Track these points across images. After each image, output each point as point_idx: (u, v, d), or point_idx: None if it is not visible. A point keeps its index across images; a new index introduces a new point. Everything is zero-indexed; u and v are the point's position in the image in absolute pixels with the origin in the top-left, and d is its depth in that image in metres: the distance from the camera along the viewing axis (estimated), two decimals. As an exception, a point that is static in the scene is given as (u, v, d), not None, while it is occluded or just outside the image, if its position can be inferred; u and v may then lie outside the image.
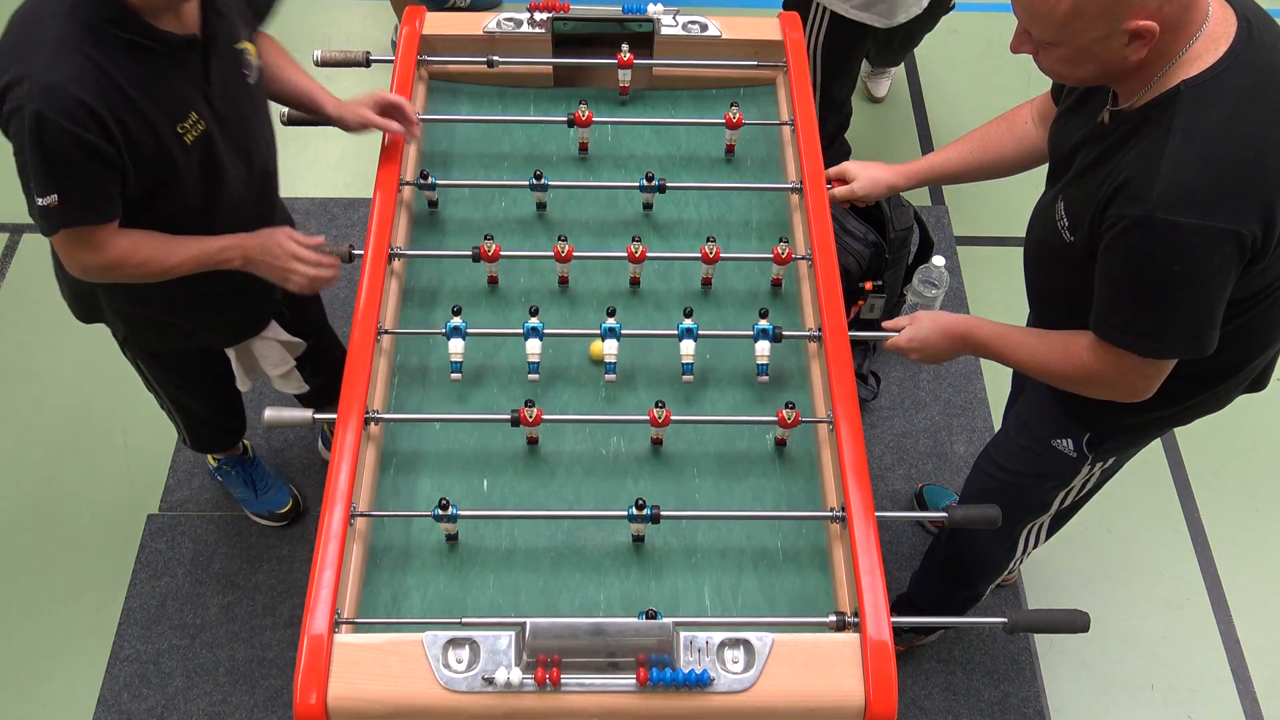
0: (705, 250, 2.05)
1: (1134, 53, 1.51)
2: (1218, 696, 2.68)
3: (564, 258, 2.05)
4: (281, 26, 2.19)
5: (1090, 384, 1.75)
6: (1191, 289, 1.56)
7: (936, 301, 2.98)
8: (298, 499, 2.81)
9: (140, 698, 2.57)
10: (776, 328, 1.96)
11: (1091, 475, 2.06)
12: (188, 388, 2.39)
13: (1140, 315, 1.62)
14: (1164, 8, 1.47)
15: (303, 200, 3.48)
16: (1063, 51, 1.56)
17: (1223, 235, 1.51)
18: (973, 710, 2.61)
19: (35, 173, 1.73)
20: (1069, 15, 1.49)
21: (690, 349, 1.95)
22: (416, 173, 2.19)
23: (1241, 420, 3.01)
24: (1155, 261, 1.55)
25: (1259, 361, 1.85)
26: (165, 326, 2.16)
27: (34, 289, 3.29)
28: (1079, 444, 1.97)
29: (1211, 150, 1.51)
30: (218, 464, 2.77)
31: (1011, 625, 1.73)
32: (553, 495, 1.89)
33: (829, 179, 2.20)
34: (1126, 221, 1.55)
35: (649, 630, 1.56)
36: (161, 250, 1.92)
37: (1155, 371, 1.68)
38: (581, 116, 2.23)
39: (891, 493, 2.96)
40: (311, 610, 1.60)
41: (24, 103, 1.67)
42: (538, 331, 1.93)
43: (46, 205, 1.75)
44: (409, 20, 2.38)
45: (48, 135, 1.68)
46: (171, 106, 1.82)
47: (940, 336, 1.91)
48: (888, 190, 2.17)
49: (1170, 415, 1.90)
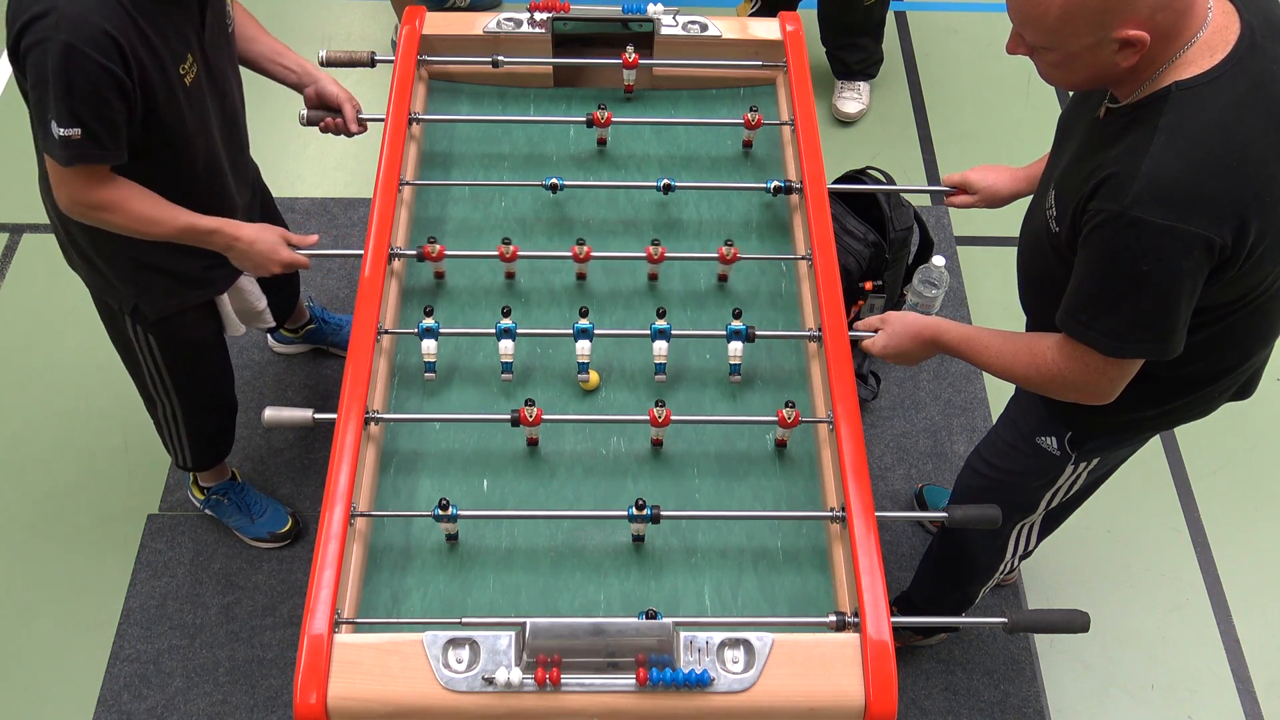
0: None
1: (1125, 60, 1.52)
2: (1218, 696, 2.68)
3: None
4: (282, 26, 2.20)
5: (1055, 385, 1.75)
6: (1158, 290, 1.56)
7: (936, 301, 2.99)
8: (295, 517, 2.81)
9: (140, 698, 2.57)
10: (750, 328, 1.96)
11: (1078, 476, 2.05)
12: (191, 363, 2.39)
13: (1105, 313, 1.62)
14: (1156, 15, 1.47)
15: (303, 200, 3.48)
16: (1054, 56, 1.57)
17: (1194, 239, 1.50)
18: (973, 710, 2.61)
19: (59, 104, 1.76)
20: (1059, 21, 1.49)
21: (663, 349, 1.95)
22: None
23: (1241, 420, 3.01)
24: (1125, 259, 1.55)
25: (1242, 370, 1.85)
26: (174, 278, 2.19)
27: (34, 289, 3.29)
28: (1061, 442, 1.97)
29: (1194, 153, 1.51)
30: (206, 495, 2.76)
31: (1011, 625, 1.73)
32: (553, 495, 1.89)
33: (950, 187, 2.18)
34: (1102, 216, 1.55)
35: (649, 630, 1.56)
36: (153, 209, 1.97)
37: (1118, 373, 1.68)
38: (600, 118, 2.24)
39: (891, 493, 2.96)
40: (311, 610, 1.60)
41: (52, 34, 1.71)
42: (510, 332, 1.94)
43: (68, 136, 1.78)
44: (409, 20, 2.38)
45: (76, 67, 1.73)
46: (175, 47, 1.88)
47: (910, 340, 1.92)
48: (1010, 199, 2.15)
49: (1152, 418, 1.89)
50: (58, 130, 1.78)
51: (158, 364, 2.35)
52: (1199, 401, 1.88)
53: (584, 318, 1.95)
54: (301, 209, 3.45)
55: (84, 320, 3.15)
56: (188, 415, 2.48)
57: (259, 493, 2.80)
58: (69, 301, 3.22)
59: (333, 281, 3.31)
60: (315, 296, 3.23)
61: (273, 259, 2.11)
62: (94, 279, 2.21)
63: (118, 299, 2.21)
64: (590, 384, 2.00)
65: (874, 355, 1.96)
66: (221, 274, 2.24)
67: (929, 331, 1.90)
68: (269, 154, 2.35)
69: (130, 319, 2.23)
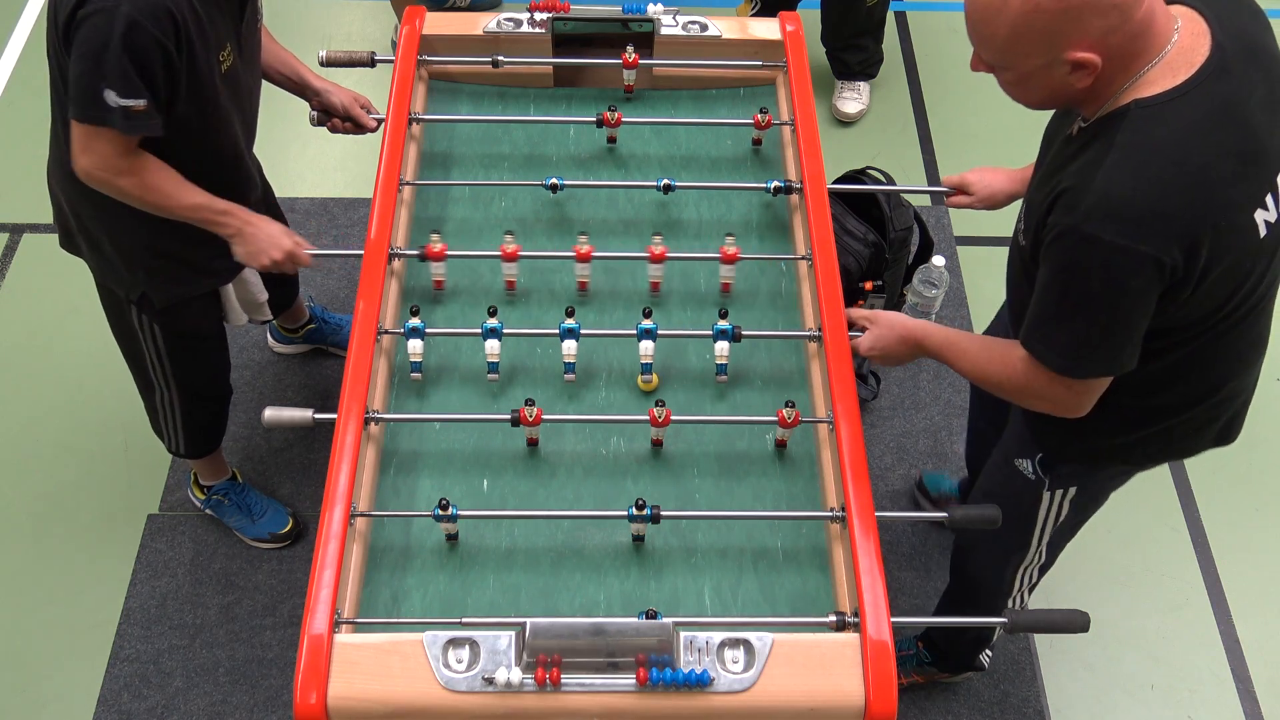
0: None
1: (1079, 81, 1.51)
2: (1218, 696, 2.68)
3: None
4: (282, 26, 2.21)
5: (1025, 395, 1.75)
6: (1108, 308, 1.55)
7: (936, 301, 2.99)
8: (296, 517, 2.81)
9: (140, 698, 2.57)
10: (736, 328, 1.96)
11: (1058, 507, 2.03)
12: (193, 351, 2.40)
13: (1057, 329, 1.62)
14: (1108, 38, 1.46)
15: (303, 200, 3.48)
16: (1010, 75, 1.57)
17: (1143, 259, 1.49)
18: (973, 710, 2.61)
19: (120, 74, 1.80)
20: (1008, 41, 1.50)
21: (649, 349, 1.96)
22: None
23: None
24: (1077, 275, 1.55)
25: (1215, 403, 1.82)
26: (186, 266, 2.21)
27: (34, 289, 3.29)
28: (1034, 464, 1.97)
29: (1147, 170, 1.49)
30: (207, 495, 2.76)
31: (1011, 625, 1.73)
32: (553, 495, 1.89)
33: (949, 188, 2.18)
34: (1057, 230, 1.55)
35: (649, 630, 1.56)
36: (169, 183, 2.00)
37: (1083, 388, 1.67)
38: (611, 119, 2.24)
39: (891, 493, 2.96)
40: (311, 610, 1.60)
41: (117, 4, 1.75)
42: (496, 332, 1.94)
43: (129, 107, 1.83)
44: (409, 20, 2.38)
45: (138, 40, 1.78)
46: (218, 34, 1.94)
47: (896, 341, 1.92)
48: (1007, 200, 2.15)
49: (1121, 446, 1.87)
50: (116, 100, 1.82)
51: (160, 352, 2.36)
52: (1172, 434, 1.86)
53: (570, 317, 1.95)
54: (301, 209, 3.45)
55: (84, 320, 3.16)
56: (185, 403, 2.49)
57: (259, 493, 2.80)
58: (69, 301, 3.22)
59: (333, 281, 3.31)
60: (315, 296, 3.23)
61: (275, 245, 2.13)
62: (100, 265, 2.22)
63: (124, 286, 2.22)
64: (651, 385, 2.00)
65: (859, 353, 1.96)
66: (228, 264, 2.26)
67: (915, 334, 1.90)
68: (269, 154, 2.35)
69: (135, 307, 2.24)
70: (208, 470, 2.73)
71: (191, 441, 2.60)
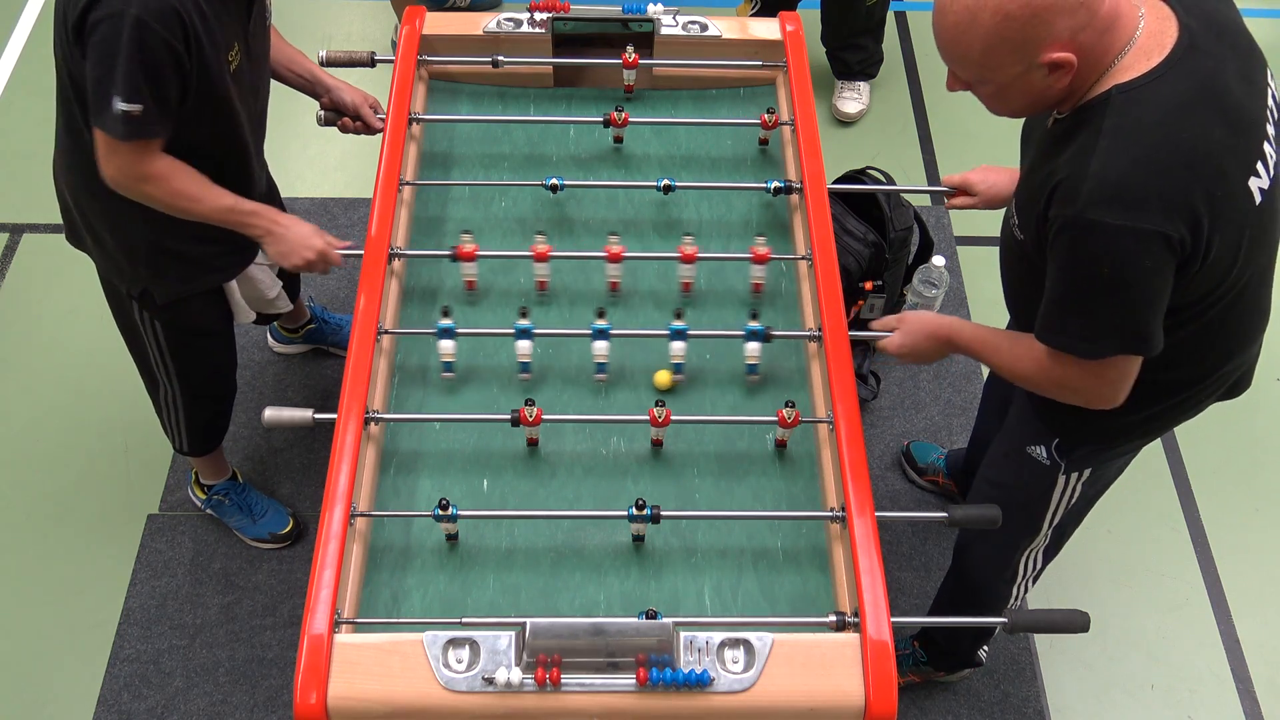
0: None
1: (1058, 81, 1.53)
2: (1218, 696, 2.68)
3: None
4: (282, 26, 2.21)
5: (1059, 389, 1.75)
6: (1123, 290, 1.56)
7: (936, 301, 2.98)
8: (296, 517, 2.81)
9: (140, 698, 2.57)
10: (767, 328, 1.96)
11: (1072, 490, 2.03)
12: (195, 348, 2.40)
13: (1074, 317, 1.62)
14: (1078, 36, 1.48)
15: (303, 200, 3.48)
16: (989, 89, 1.59)
17: (1151, 236, 1.50)
18: (973, 710, 2.61)
19: (125, 78, 1.80)
20: (983, 55, 1.51)
21: (680, 349, 1.96)
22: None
23: (1240, 420, 3.01)
24: (1086, 262, 1.56)
25: (1228, 369, 1.83)
26: (191, 263, 2.20)
27: (34, 289, 3.29)
28: (1050, 450, 1.97)
29: (1138, 151, 1.51)
30: (207, 495, 2.76)
31: (1012, 625, 1.73)
32: (553, 495, 1.89)
33: (950, 187, 2.18)
34: (1060, 221, 1.56)
35: (649, 630, 1.56)
36: (197, 187, 2.00)
37: (1115, 374, 1.67)
38: (618, 119, 2.24)
39: (891, 493, 2.96)
40: (311, 610, 1.61)
41: (125, 7, 1.75)
42: (528, 333, 1.94)
43: (128, 111, 1.82)
44: (409, 20, 2.38)
45: (145, 42, 1.78)
46: (226, 34, 1.93)
47: (927, 340, 1.92)
48: (1010, 200, 2.16)
49: (1138, 422, 1.88)
50: (119, 105, 1.81)
51: (162, 348, 2.36)
52: (1185, 404, 1.87)
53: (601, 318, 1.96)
54: (302, 209, 3.44)
55: (84, 320, 3.16)
56: (188, 400, 2.49)
57: (260, 493, 2.80)
58: (69, 302, 3.22)
59: (333, 281, 3.31)
60: (315, 296, 3.23)
61: (306, 245, 2.11)
62: (104, 261, 2.22)
63: (127, 283, 2.22)
64: (669, 384, 2.01)
65: (889, 355, 1.96)
66: (232, 261, 2.25)
67: (945, 331, 1.90)
68: (270, 154, 2.35)
69: (137, 302, 2.24)
70: (209, 470, 2.73)
71: (194, 439, 2.60)
